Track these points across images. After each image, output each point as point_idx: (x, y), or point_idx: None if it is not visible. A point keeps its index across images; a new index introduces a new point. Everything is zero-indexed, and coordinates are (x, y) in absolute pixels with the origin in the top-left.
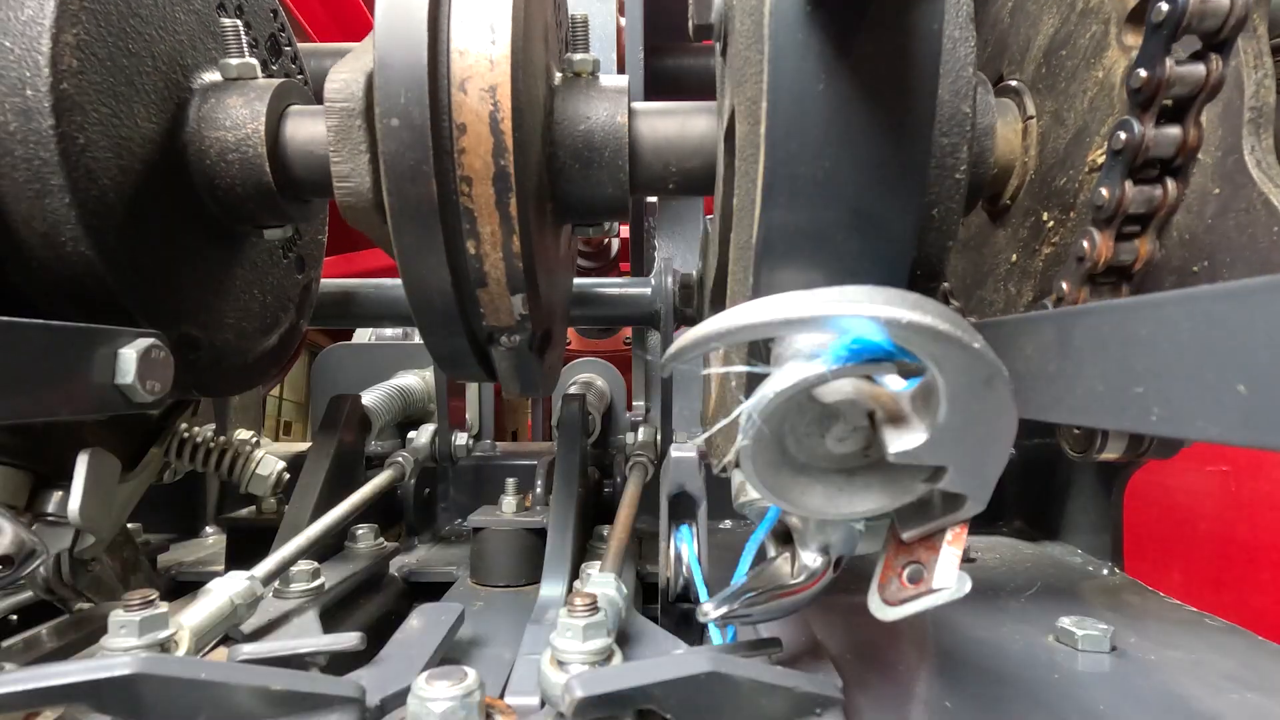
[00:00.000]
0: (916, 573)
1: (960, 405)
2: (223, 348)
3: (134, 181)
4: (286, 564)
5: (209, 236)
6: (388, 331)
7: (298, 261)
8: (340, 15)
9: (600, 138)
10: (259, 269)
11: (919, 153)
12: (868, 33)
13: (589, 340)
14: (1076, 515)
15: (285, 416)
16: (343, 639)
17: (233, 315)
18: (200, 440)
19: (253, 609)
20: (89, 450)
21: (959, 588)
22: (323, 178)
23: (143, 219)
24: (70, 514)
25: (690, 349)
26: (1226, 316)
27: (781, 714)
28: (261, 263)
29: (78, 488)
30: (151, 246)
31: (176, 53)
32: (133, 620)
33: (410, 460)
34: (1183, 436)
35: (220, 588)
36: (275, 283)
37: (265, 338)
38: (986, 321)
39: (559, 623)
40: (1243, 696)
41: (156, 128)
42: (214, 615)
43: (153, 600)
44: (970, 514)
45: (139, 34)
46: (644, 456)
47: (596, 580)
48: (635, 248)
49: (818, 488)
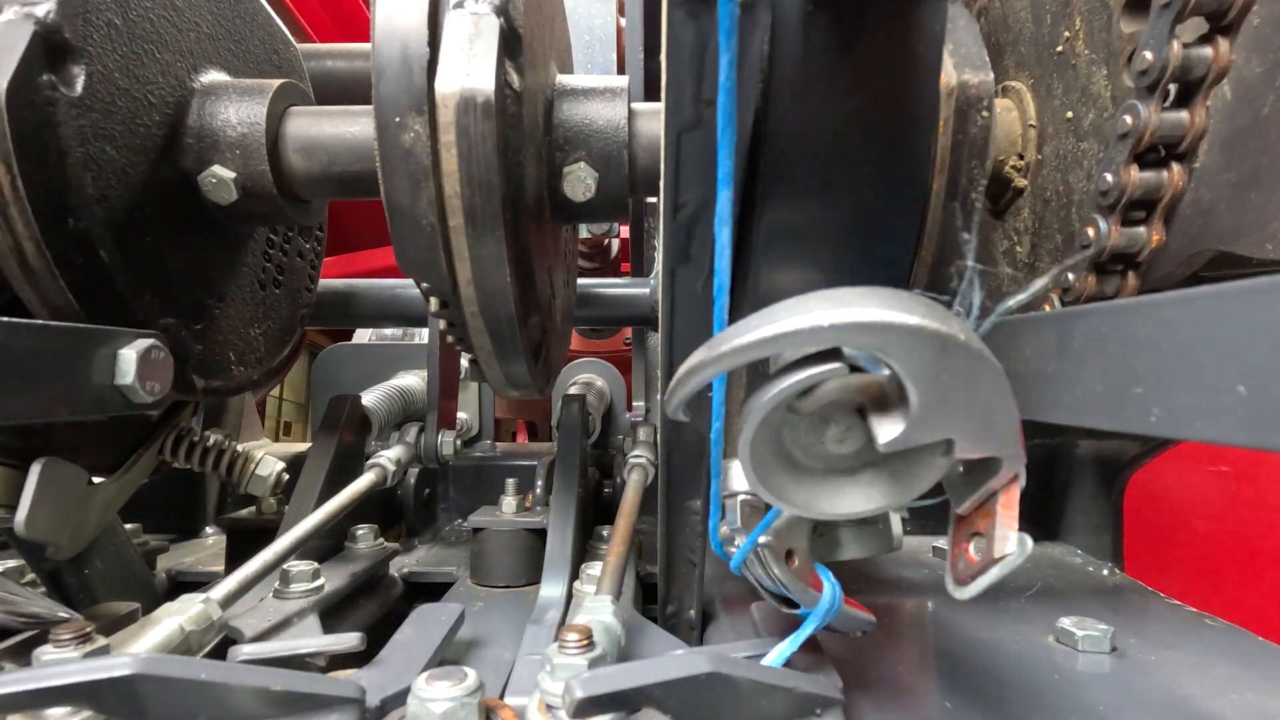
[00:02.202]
0: (980, 545)
1: (925, 382)
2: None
3: (134, 181)
4: (257, 576)
5: (209, 237)
6: (388, 331)
7: (294, 265)
8: (340, 15)
9: (600, 138)
10: (258, 269)
11: (920, 152)
12: (868, 33)
13: (589, 340)
14: (1076, 515)
15: (285, 417)
16: (343, 639)
17: (231, 315)
18: (199, 440)
19: (211, 631)
20: (42, 460)
21: (1020, 550)
22: (322, 178)
23: (143, 219)
24: (16, 525)
25: (685, 389)
26: (1226, 316)
27: (782, 714)
28: (260, 263)
29: (26, 499)
30: (151, 246)
31: (178, 54)
32: (53, 659)
33: (392, 461)
34: (1183, 437)
35: (170, 613)
36: (274, 284)
37: (263, 338)
38: (987, 321)
39: (548, 659)
40: (1243, 697)
41: (157, 128)
42: (159, 646)
43: (87, 634)
44: (1013, 470)
45: (144, 47)
46: (643, 458)
47: (591, 605)
48: (635, 248)
49: (825, 488)
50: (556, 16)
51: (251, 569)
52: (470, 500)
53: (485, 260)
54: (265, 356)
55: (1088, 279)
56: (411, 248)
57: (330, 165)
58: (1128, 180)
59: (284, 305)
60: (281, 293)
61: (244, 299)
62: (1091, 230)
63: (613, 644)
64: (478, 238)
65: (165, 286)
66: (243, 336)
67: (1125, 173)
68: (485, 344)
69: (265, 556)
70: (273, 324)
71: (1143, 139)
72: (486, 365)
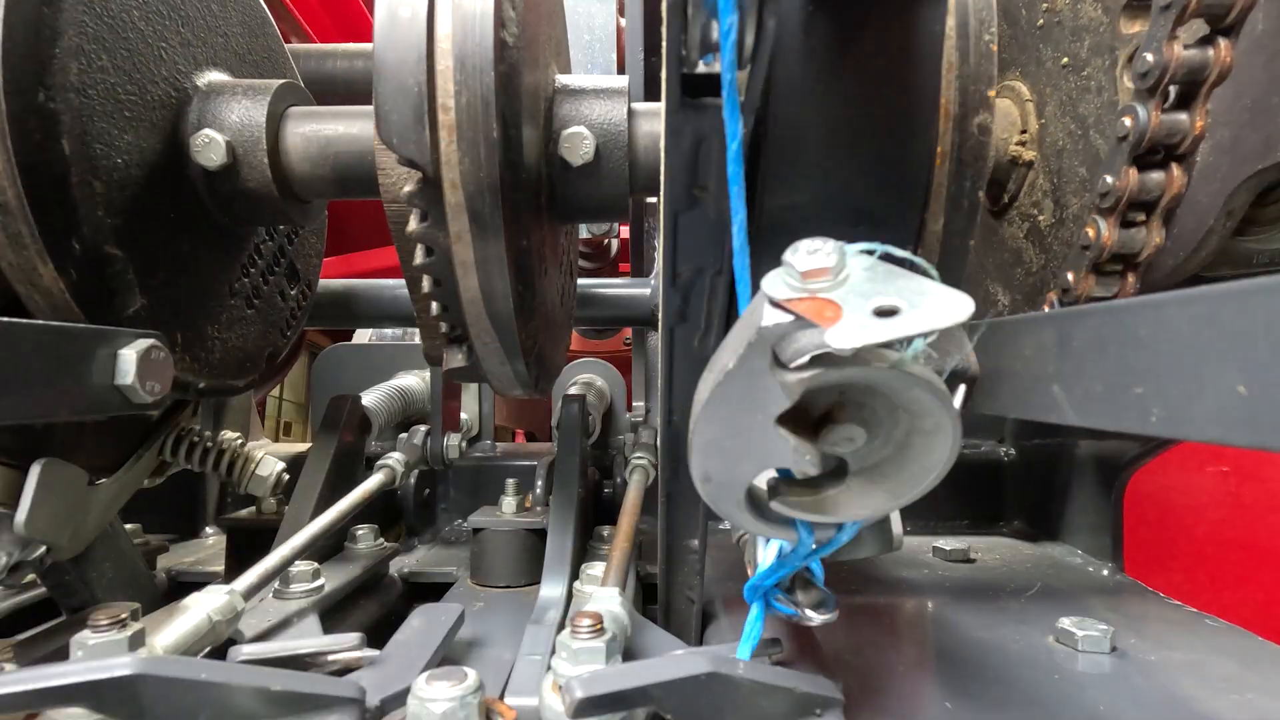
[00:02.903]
0: None
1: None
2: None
3: (134, 181)
4: (271, 574)
5: (208, 237)
6: (388, 332)
7: (290, 268)
8: (340, 15)
9: (600, 138)
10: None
11: (920, 152)
12: (868, 33)
13: (589, 340)
14: (1076, 516)
15: (285, 417)
16: (343, 639)
17: (230, 315)
18: (199, 440)
19: (233, 623)
20: (42, 461)
21: None
22: (322, 178)
23: (143, 220)
24: (16, 525)
25: None
26: (1226, 316)
27: (781, 715)
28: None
29: (26, 499)
30: (151, 246)
31: (179, 54)
32: (90, 644)
33: (401, 462)
34: (1183, 437)
35: (198, 604)
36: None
37: (262, 338)
38: (986, 321)
39: (560, 644)
40: (1243, 697)
41: (157, 128)
42: (190, 634)
43: (123, 620)
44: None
45: (141, 41)
46: (644, 458)
47: (600, 596)
48: (635, 248)
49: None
50: (555, 15)
51: (270, 563)
52: (470, 500)
53: (487, 264)
54: (220, 369)
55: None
56: None
57: (330, 165)
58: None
59: (254, 329)
60: (254, 315)
61: (221, 305)
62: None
63: (621, 631)
64: (482, 236)
65: (164, 287)
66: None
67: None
68: (487, 343)
69: (283, 552)
70: (237, 341)
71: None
72: (488, 364)
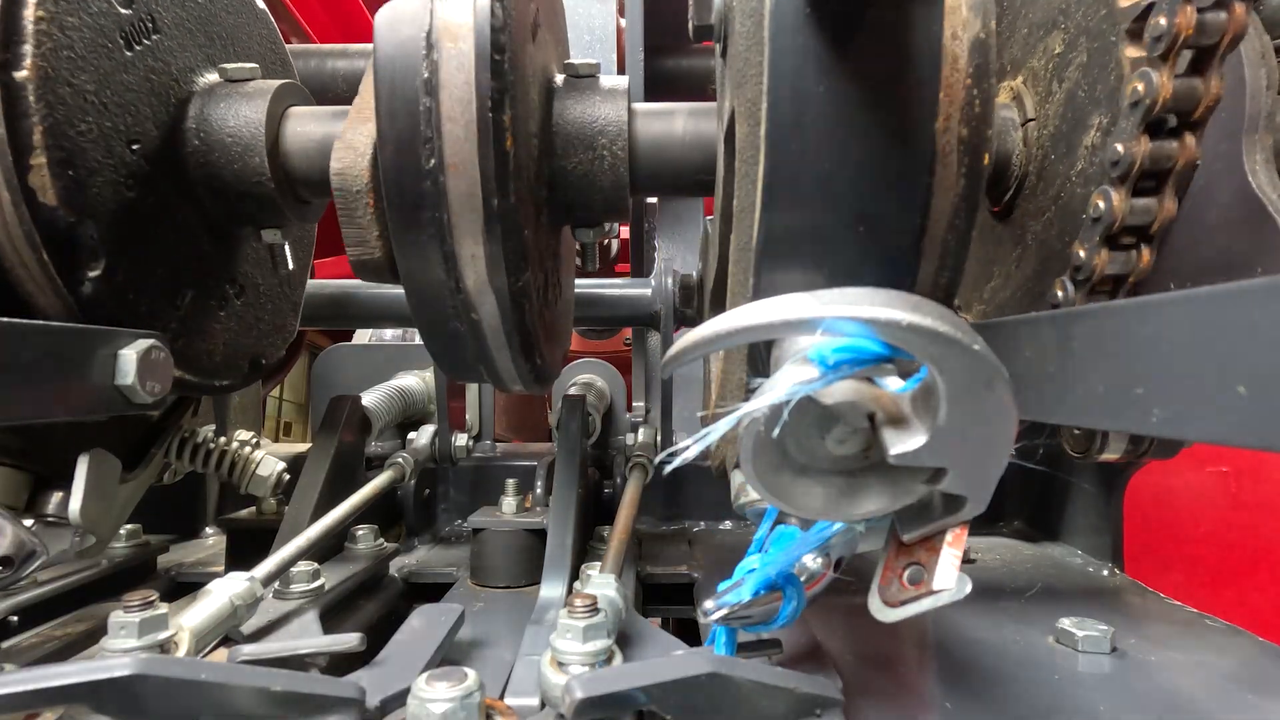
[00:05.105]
0: (917, 574)
1: (960, 407)
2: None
3: (135, 182)
4: (286, 565)
5: (208, 237)
6: (387, 332)
7: None
8: (340, 15)
9: (600, 138)
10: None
11: (920, 153)
12: (868, 33)
13: (589, 341)
14: (1076, 516)
15: (285, 417)
16: (343, 640)
17: (229, 314)
18: (200, 441)
19: (253, 610)
20: (91, 451)
21: (959, 589)
22: (323, 178)
23: (143, 220)
24: (71, 514)
25: (689, 351)
26: (1226, 316)
27: (781, 715)
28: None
29: (79, 488)
30: (151, 247)
31: (179, 54)
32: (132, 621)
33: (410, 461)
34: (1183, 437)
35: (220, 588)
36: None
37: (261, 338)
38: (986, 322)
39: (559, 624)
40: (1243, 697)
41: (158, 128)
42: (214, 616)
43: (152, 601)
44: (970, 515)
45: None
46: (644, 457)
47: (596, 581)
48: (635, 248)
49: (818, 489)
50: (556, 13)
51: (287, 552)
52: (470, 500)
53: (488, 261)
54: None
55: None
56: None
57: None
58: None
59: (232, 332)
60: (247, 312)
61: (212, 307)
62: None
63: (614, 614)
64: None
65: (162, 288)
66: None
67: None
68: (488, 342)
69: (298, 542)
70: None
71: None
72: (490, 363)
